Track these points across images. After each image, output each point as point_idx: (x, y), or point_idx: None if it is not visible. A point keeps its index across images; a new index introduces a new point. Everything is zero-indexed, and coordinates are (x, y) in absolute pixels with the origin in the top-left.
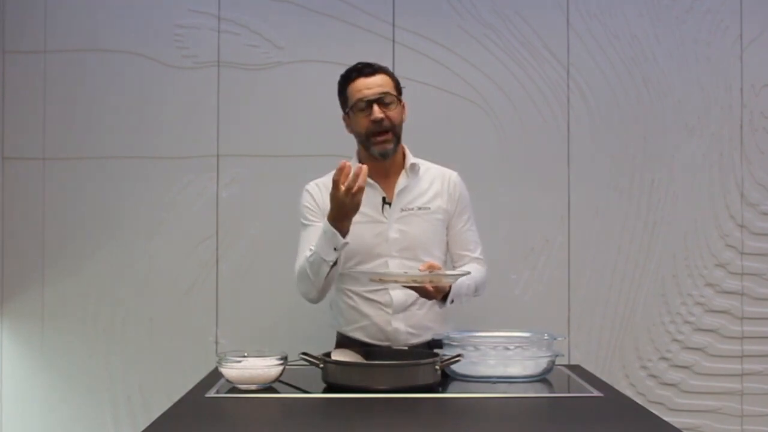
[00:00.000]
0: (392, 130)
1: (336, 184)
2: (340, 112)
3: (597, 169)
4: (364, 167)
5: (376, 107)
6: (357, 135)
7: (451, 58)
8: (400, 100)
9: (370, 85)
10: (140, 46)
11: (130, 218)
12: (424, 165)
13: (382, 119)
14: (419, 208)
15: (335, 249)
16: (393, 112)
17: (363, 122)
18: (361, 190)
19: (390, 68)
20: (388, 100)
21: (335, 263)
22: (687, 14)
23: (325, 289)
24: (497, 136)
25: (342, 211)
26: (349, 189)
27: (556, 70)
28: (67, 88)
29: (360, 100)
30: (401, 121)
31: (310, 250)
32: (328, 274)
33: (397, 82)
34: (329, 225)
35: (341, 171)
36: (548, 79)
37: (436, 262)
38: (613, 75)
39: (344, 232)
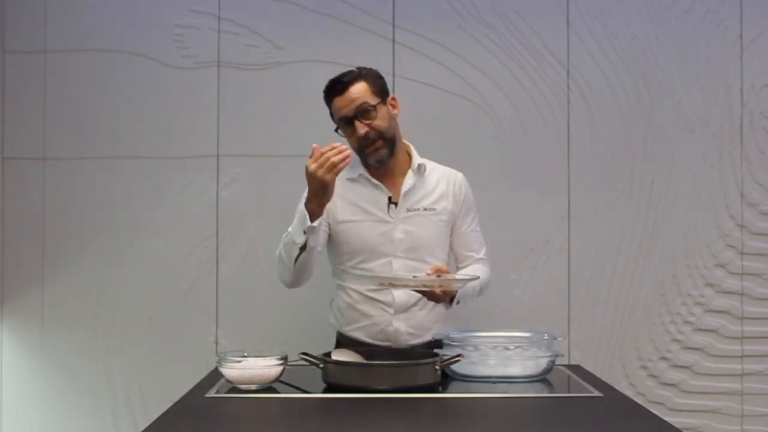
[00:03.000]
0: (381, 137)
1: (315, 156)
2: None
3: (597, 169)
4: (348, 152)
5: (357, 123)
6: (351, 148)
7: (451, 58)
8: (383, 102)
9: (345, 103)
10: (140, 46)
11: (130, 218)
12: (430, 165)
13: (366, 133)
14: (425, 209)
15: (305, 232)
16: (377, 120)
17: (351, 139)
18: (331, 167)
19: (373, 68)
20: (366, 109)
21: (305, 247)
22: (687, 14)
23: (298, 275)
24: (497, 136)
25: (311, 189)
26: (320, 166)
27: (556, 70)
28: (67, 88)
29: (340, 119)
30: (389, 124)
31: (288, 231)
32: (298, 257)
33: (376, 84)
34: (303, 206)
35: (314, 151)
36: (548, 79)
37: (444, 265)
38: (613, 75)
39: (315, 216)
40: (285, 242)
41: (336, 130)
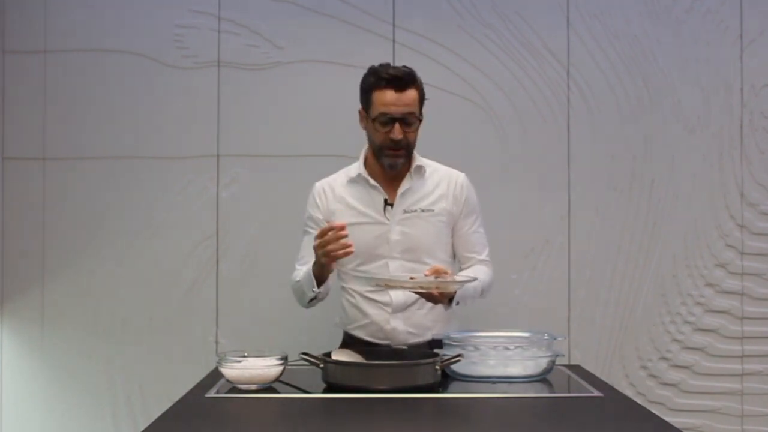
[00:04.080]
0: (406, 148)
1: (319, 234)
2: (340, 112)
3: (597, 169)
4: (350, 249)
5: (397, 126)
6: (371, 142)
7: (451, 58)
8: (421, 118)
9: (397, 103)
10: (140, 46)
11: (130, 218)
12: (432, 166)
13: (400, 140)
14: (423, 210)
15: (313, 290)
16: (413, 133)
17: (381, 135)
18: (328, 254)
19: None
20: (411, 120)
21: (316, 297)
22: (687, 14)
23: (312, 306)
24: (497, 136)
25: (316, 258)
26: (321, 246)
27: (556, 70)
28: (67, 88)
29: (384, 114)
30: (416, 138)
31: (299, 277)
32: (310, 301)
33: (422, 95)
34: (311, 268)
35: (327, 229)
36: (548, 79)
37: (442, 266)
38: (613, 75)
39: (320, 280)
40: (297, 287)
41: (365, 112)
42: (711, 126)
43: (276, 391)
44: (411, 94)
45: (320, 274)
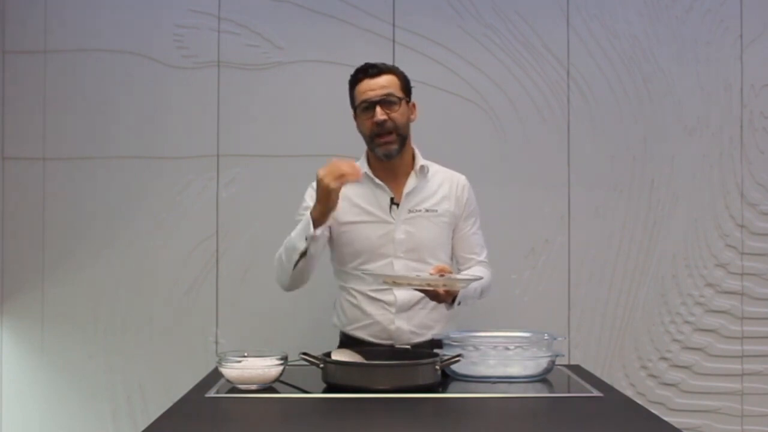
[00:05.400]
0: (396, 131)
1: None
2: (340, 112)
3: (597, 169)
4: (360, 172)
5: (378, 109)
6: (362, 135)
7: (451, 58)
8: (407, 101)
9: (373, 87)
10: (140, 46)
11: (130, 218)
12: (433, 168)
13: (384, 121)
14: (427, 210)
15: (306, 238)
16: (397, 114)
17: (366, 124)
18: (339, 176)
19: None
20: (391, 101)
21: (305, 254)
22: (687, 14)
23: (295, 280)
24: (497, 136)
25: (318, 194)
26: (329, 173)
27: (556, 70)
28: (67, 88)
29: (363, 101)
30: (406, 122)
31: (290, 235)
32: (297, 262)
33: (405, 82)
34: (309, 213)
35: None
36: (548, 79)
37: (446, 266)
38: (613, 75)
39: (318, 224)
40: (286, 246)
41: (354, 117)
42: (711, 126)
43: (276, 391)
44: (387, 78)
45: (321, 216)
